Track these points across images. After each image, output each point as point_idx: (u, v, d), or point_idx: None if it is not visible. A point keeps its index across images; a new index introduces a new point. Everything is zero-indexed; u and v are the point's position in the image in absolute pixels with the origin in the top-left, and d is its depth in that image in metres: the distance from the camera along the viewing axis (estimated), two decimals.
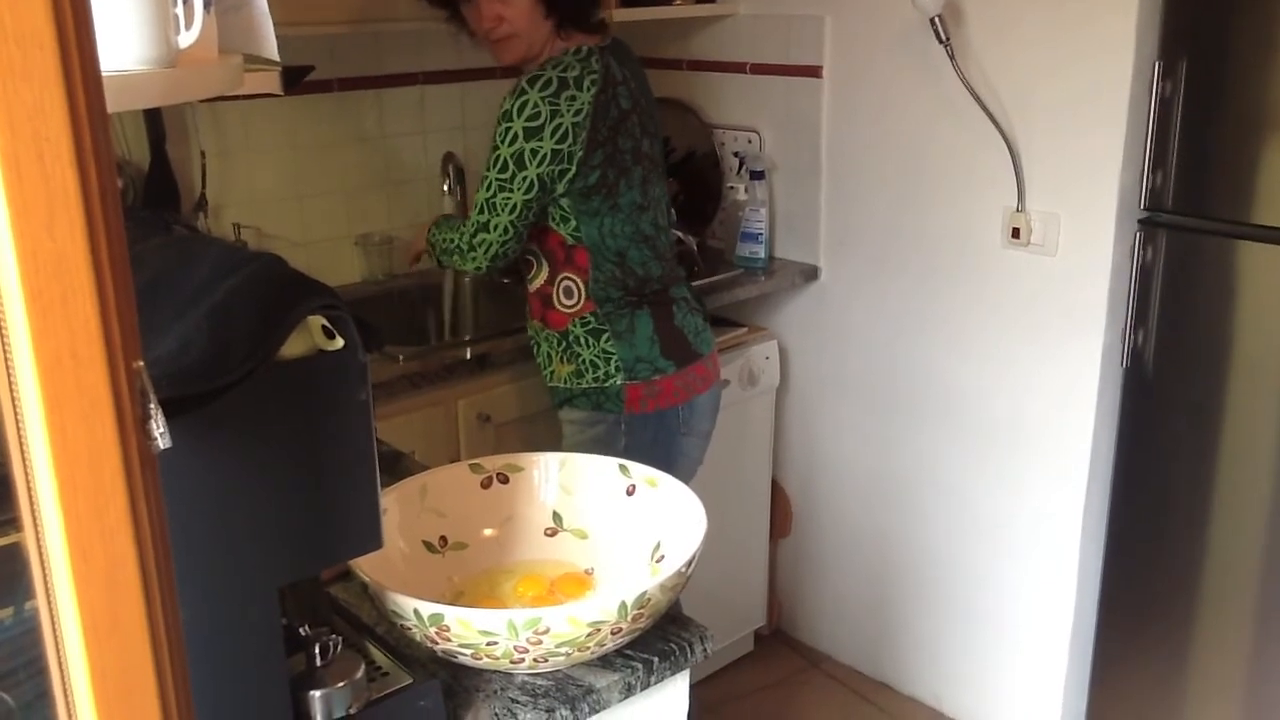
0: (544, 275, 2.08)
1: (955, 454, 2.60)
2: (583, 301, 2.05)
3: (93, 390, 0.60)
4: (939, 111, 2.44)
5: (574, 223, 2.01)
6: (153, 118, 2.21)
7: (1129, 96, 2.15)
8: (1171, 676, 2.39)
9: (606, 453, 1.60)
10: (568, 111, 1.92)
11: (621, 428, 2.07)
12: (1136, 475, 2.35)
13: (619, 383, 2.04)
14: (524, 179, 1.94)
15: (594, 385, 2.06)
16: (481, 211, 1.99)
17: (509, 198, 1.95)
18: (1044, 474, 2.46)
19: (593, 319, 2.05)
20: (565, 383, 2.10)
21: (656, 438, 2.09)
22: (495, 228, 1.98)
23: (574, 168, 1.95)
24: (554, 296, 2.08)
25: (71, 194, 0.56)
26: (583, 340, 2.05)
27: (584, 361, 2.06)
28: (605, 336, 2.04)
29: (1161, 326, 2.25)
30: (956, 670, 2.75)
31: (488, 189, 1.97)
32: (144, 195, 2.19)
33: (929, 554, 2.71)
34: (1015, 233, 2.36)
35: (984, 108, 2.31)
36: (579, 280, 2.04)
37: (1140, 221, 2.23)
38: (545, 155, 1.93)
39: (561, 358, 2.09)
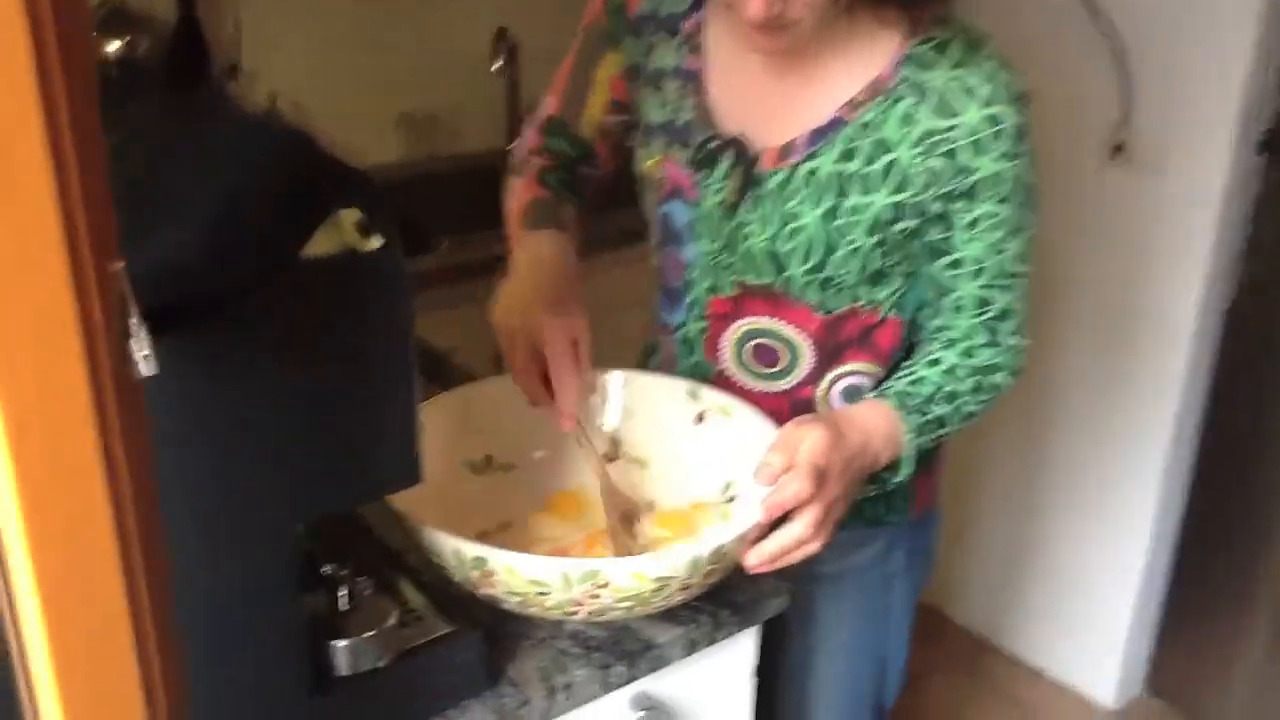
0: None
1: (1036, 393, 2.42)
2: None
3: (52, 300, 0.47)
4: (1033, 6, 2.19)
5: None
6: None
7: None
8: (1238, 632, 2.27)
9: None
10: None
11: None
12: (1229, 420, 2.18)
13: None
14: None
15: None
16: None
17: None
18: (1127, 416, 2.28)
19: None
20: None
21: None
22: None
23: None
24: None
25: (19, 35, 0.41)
26: None
27: None
28: None
29: (1274, 263, 2.05)
30: (1012, 605, 2.62)
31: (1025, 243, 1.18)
32: (167, 57, 2.02)
33: (1001, 492, 2.56)
34: (1118, 149, 2.14)
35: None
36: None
37: (1261, 143, 2.01)
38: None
39: None
